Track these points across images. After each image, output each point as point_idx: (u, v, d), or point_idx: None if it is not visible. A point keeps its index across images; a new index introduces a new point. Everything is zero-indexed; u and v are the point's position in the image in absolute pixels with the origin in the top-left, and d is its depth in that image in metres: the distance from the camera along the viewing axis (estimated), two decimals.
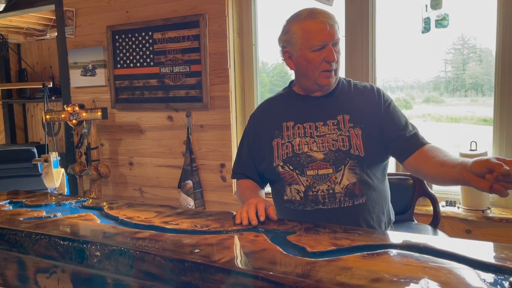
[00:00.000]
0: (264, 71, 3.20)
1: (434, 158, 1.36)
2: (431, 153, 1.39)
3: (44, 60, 5.19)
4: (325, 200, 1.44)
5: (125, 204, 1.71)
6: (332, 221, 1.37)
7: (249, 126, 1.68)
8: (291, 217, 1.50)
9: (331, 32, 1.44)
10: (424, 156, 1.41)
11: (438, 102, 2.87)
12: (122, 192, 3.38)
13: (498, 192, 1.12)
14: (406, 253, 1.06)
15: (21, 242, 1.35)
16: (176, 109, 3.05)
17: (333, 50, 1.45)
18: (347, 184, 1.43)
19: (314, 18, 1.45)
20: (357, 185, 1.44)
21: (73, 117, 3.18)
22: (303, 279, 0.90)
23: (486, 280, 0.88)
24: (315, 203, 1.45)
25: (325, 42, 1.44)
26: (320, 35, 1.44)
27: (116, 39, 3.20)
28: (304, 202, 1.46)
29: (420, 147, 1.44)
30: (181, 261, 1.05)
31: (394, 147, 1.47)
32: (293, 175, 1.47)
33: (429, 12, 2.32)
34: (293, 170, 1.47)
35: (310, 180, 1.45)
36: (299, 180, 1.47)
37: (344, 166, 1.43)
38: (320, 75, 1.48)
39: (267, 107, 1.67)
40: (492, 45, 2.37)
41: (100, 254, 1.18)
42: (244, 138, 1.69)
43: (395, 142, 1.47)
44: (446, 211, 2.29)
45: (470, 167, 1.16)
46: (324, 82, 1.49)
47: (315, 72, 1.48)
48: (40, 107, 5.24)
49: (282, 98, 1.64)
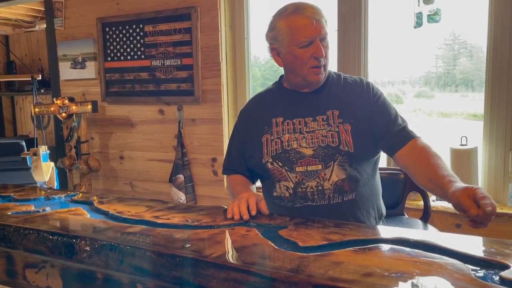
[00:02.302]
0: (256, 65, 3.19)
1: (422, 166, 1.36)
2: (420, 157, 1.38)
3: (33, 52, 5.12)
4: (314, 197, 1.43)
5: (116, 199, 1.69)
6: (321, 217, 1.37)
7: (239, 121, 1.67)
8: (280, 214, 1.50)
9: (318, 27, 1.42)
10: (414, 157, 1.40)
11: (429, 97, 2.89)
12: (112, 186, 3.36)
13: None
14: (397, 248, 1.07)
15: (9, 237, 1.33)
16: (168, 102, 3.02)
17: (321, 45, 1.43)
18: (336, 181, 1.43)
19: (299, 13, 1.42)
20: (346, 181, 1.43)
21: (63, 110, 3.14)
22: (295, 274, 0.90)
23: (476, 274, 0.89)
24: (304, 200, 1.45)
25: (312, 38, 1.42)
26: (307, 30, 1.41)
27: (107, 31, 3.16)
28: (293, 198, 1.46)
29: (408, 141, 1.43)
30: (172, 256, 1.04)
31: (383, 141, 1.47)
32: (282, 172, 1.46)
33: (421, 7, 2.32)
34: (282, 166, 1.47)
35: (299, 176, 1.44)
36: (288, 176, 1.46)
37: (333, 163, 1.43)
38: (309, 71, 1.46)
39: (257, 102, 1.65)
40: (482, 41, 2.39)
41: (90, 249, 1.17)
42: (234, 133, 1.68)
43: (384, 136, 1.46)
44: (437, 206, 2.31)
45: (457, 197, 1.16)
46: (313, 78, 1.48)
47: (304, 68, 1.46)
48: (29, 100, 5.17)
49: (272, 93, 1.63)
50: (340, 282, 0.85)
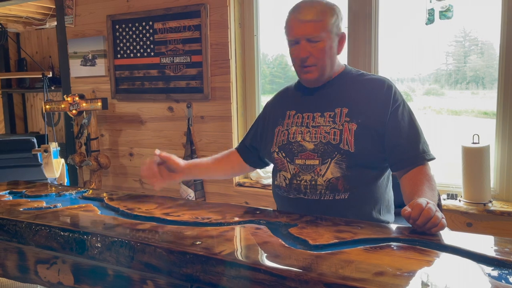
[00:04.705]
0: (265, 63, 3.18)
1: (411, 192, 1.36)
2: (414, 187, 1.37)
3: (44, 50, 5.15)
4: (306, 190, 1.44)
5: (126, 195, 1.70)
6: (312, 212, 1.40)
7: (263, 112, 1.74)
8: (278, 202, 1.59)
9: (305, 27, 1.42)
10: (409, 181, 1.40)
11: (439, 95, 2.86)
12: (122, 183, 3.38)
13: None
14: (409, 247, 1.06)
15: (21, 233, 1.35)
16: (177, 100, 3.03)
17: (304, 46, 1.43)
18: (330, 178, 1.41)
19: (294, 12, 1.47)
20: (341, 180, 1.41)
21: (73, 107, 3.16)
22: (306, 272, 0.90)
23: (490, 274, 0.88)
24: (297, 192, 1.46)
25: (296, 38, 1.45)
26: (293, 30, 1.46)
27: (117, 28, 3.17)
28: (288, 189, 1.49)
29: (412, 167, 1.41)
30: (183, 253, 1.04)
31: (389, 155, 1.44)
32: (284, 162, 1.50)
33: (433, 3, 2.29)
34: (284, 157, 1.50)
35: (297, 169, 1.46)
36: (287, 167, 1.49)
37: (330, 160, 1.42)
38: (299, 69, 1.51)
39: (279, 95, 1.72)
40: (494, 38, 2.35)
41: (100, 245, 1.18)
42: (255, 122, 1.76)
43: (391, 153, 1.44)
44: (448, 204, 2.28)
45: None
46: (303, 77, 1.51)
47: (295, 66, 1.52)
48: (39, 97, 5.21)
49: (292, 88, 1.67)
50: (351, 281, 0.85)
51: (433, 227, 1.12)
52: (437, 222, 1.12)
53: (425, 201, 1.17)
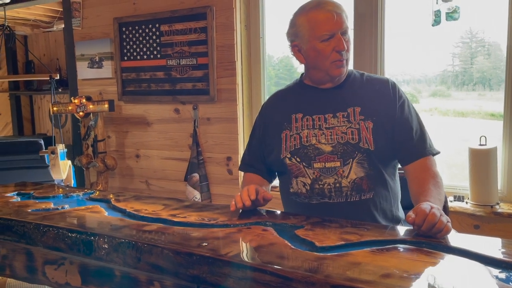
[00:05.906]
0: (270, 64, 3.18)
1: (417, 188, 1.40)
2: (420, 179, 1.40)
3: (51, 52, 5.19)
4: (331, 194, 1.42)
5: (132, 197, 1.71)
6: (338, 215, 1.36)
7: (260, 117, 1.67)
8: (296, 210, 1.50)
9: (339, 20, 1.42)
10: (416, 177, 1.43)
11: (445, 96, 2.84)
12: (128, 185, 3.39)
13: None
14: (416, 249, 1.05)
15: (29, 234, 1.36)
16: (183, 101, 3.04)
17: (342, 39, 1.42)
18: (354, 178, 1.41)
19: (320, 7, 1.43)
20: (365, 180, 1.42)
21: (80, 109, 3.18)
22: (312, 274, 0.90)
23: (498, 276, 0.87)
24: (321, 197, 1.44)
25: (333, 31, 1.42)
26: (327, 24, 1.41)
27: (123, 31, 3.19)
28: (310, 195, 1.45)
29: (419, 158, 1.44)
30: (189, 254, 1.05)
31: (399, 150, 1.46)
32: (300, 168, 1.46)
33: (440, 4, 2.29)
34: (300, 162, 1.46)
35: (317, 173, 1.43)
36: (305, 172, 1.45)
37: (352, 160, 1.41)
38: (331, 65, 1.46)
39: (277, 99, 1.66)
40: (501, 39, 2.34)
41: (108, 246, 1.18)
42: (254, 130, 1.68)
43: (401, 148, 1.46)
44: (455, 206, 2.27)
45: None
46: (336, 72, 1.47)
47: (326, 62, 1.45)
48: (47, 99, 5.24)
49: (293, 90, 1.63)
50: (358, 283, 0.85)
51: (438, 233, 1.12)
52: (442, 227, 1.11)
53: (429, 206, 1.16)
